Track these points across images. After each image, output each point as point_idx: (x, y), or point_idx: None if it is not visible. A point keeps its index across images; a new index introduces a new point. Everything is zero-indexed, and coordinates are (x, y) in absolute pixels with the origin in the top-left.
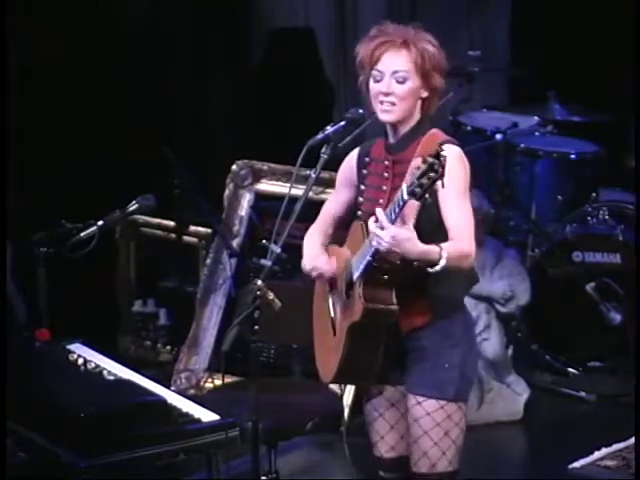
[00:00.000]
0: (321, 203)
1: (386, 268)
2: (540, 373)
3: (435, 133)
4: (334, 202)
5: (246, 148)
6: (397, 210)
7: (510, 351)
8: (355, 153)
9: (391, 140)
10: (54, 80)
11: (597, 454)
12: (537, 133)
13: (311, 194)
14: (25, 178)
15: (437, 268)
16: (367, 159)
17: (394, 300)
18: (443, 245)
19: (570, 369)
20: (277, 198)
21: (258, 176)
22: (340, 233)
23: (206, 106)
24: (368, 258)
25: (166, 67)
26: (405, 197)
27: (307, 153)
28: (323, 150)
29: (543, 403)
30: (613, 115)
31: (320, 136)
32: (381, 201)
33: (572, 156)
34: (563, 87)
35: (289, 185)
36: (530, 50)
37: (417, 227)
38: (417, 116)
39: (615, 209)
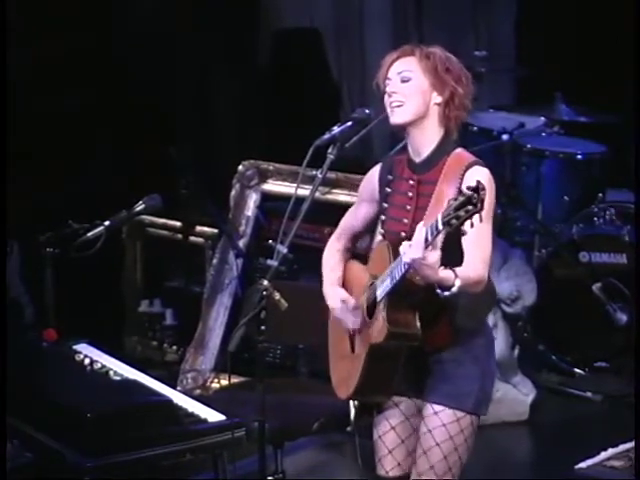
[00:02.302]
0: (328, 203)
1: (411, 291)
2: (546, 373)
3: (461, 153)
4: (354, 216)
5: (252, 148)
6: (430, 237)
7: (516, 351)
8: (377, 169)
9: (415, 158)
10: (59, 80)
11: (603, 454)
12: (544, 133)
13: (317, 194)
14: (30, 178)
15: (447, 294)
16: (390, 177)
17: (417, 324)
18: (458, 271)
19: (576, 369)
20: (283, 198)
21: (264, 176)
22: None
23: (212, 106)
24: (397, 278)
25: (172, 67)
26: (440, 227)
27: (313, 153)
28: (329, 150)
29: (549, 403)
30: (620, 115)
31: (326, 136)
32: (405, 221)
33: (579, 156)
34: (569, 87)
35: (295, 185)
36: (536, 50)
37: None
38: (438, 130)
39: (621, 210)
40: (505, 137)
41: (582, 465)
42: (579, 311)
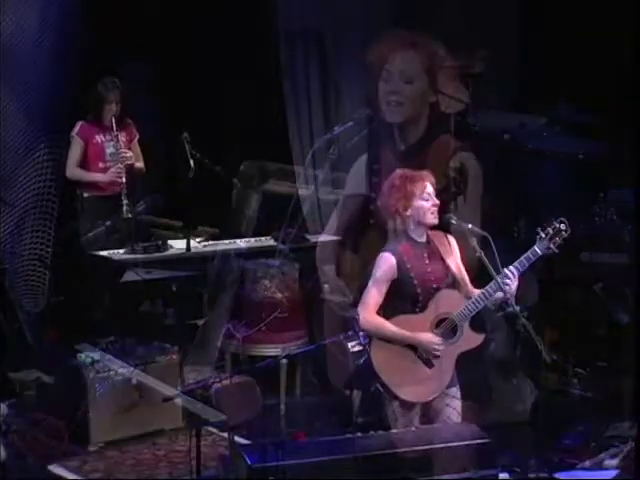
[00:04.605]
0: (328, 203)
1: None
2: (546, 373)
3: (445, 139)
4: (345, 214)
5: (253, 148)
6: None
7: (517, 351)
8: (363, 161)
9: (400, 147)
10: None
11: (603, 454)
12: (545, 133)
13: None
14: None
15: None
16: (376, 166)
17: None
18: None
19: (576, 369)
20: (285, 198)
21: (266, 176)
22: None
23: (214, 106)
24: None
25: (176, 67)
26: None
27: (314, 153)
28: (331, 150)
29: (549, 403)
30: (619, 115)
31: (327, 136)
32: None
33: (580, 156)
34: (569, 87)
35: (297, 185)
36: (538, 50)
37: None
38: (426, 120)
39: (622, 210)
40: (505, 137)
41: (582, 465)
42: (580, 311)
